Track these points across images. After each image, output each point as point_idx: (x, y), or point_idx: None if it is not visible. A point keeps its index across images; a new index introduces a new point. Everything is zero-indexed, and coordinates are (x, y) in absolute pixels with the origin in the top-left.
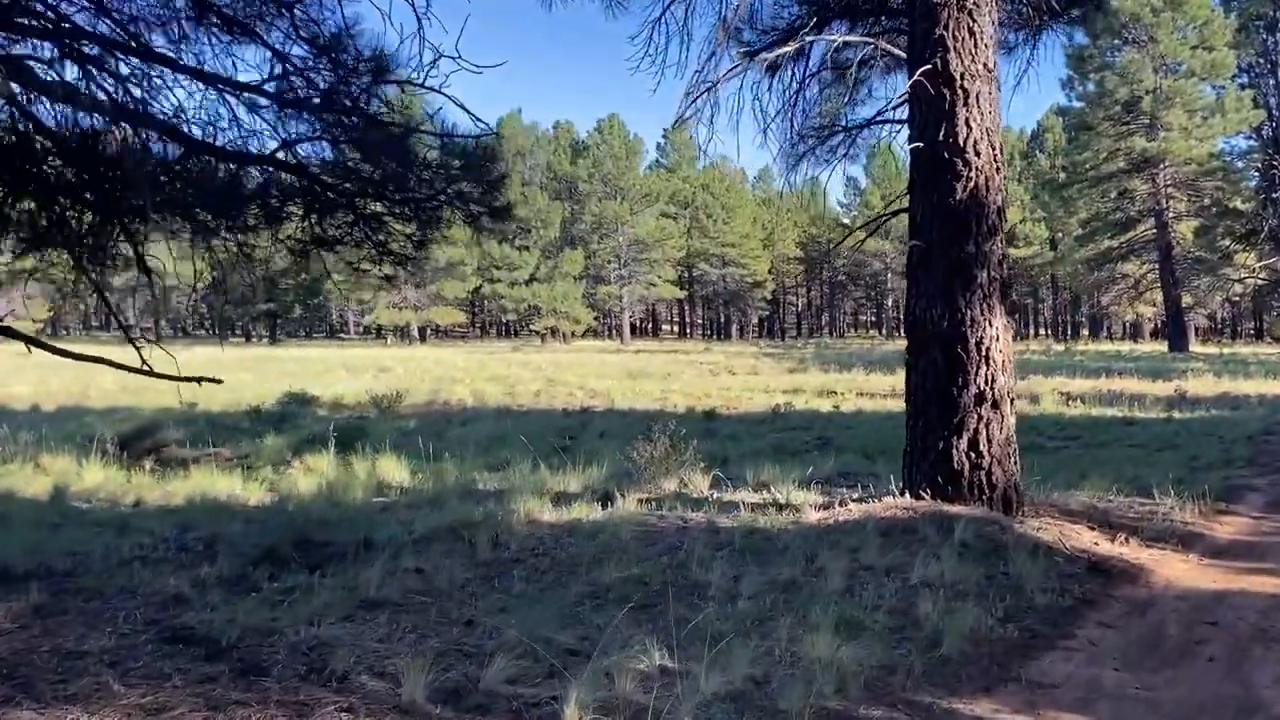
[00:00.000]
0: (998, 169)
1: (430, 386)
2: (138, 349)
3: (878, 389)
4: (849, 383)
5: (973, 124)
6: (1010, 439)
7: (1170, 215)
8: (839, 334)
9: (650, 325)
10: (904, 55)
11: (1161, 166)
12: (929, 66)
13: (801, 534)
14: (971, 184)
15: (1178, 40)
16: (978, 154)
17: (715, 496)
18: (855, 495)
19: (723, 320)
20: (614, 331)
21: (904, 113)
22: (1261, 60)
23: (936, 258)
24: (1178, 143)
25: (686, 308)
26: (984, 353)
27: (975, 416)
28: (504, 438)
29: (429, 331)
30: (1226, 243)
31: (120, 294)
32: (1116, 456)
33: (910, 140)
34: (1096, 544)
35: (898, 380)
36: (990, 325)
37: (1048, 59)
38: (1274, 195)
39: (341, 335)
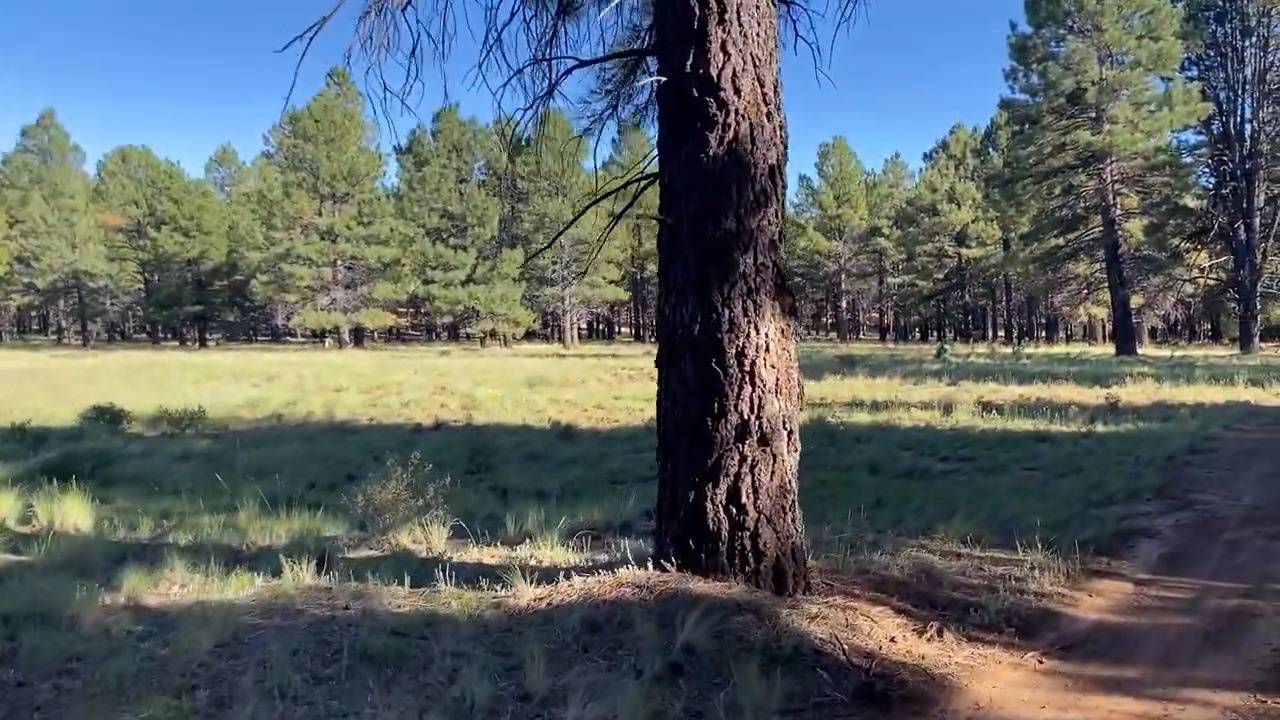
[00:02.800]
0: (769, 114)
1: (289, 397)
2: None
3: None
4: None
5: (731, 49)
6: (786, 487)
7: (1118, 213)
8: (798, 337)
9: (607, 328)
10: None
11: (1108, 161)
12: None
13: (481, 629)
14: (731, 133)
15: (1123, 29)
16: (738, 91)
17: (447, 556)
18: (606, 559)
19: None
20: (559, 335)
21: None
22: (1211, 52)
23: (687, 237)
24: (1123, 136)
25: (639, 310)
26: (748, 368)
27: (736, 457)
28: (297, 464)
29: (375, 335)
30: (1176, 241)
31: (47, 296)
32: (1005, 486)
33: (656, 73)
34: (893, 640)
35: (808, 388)
36: (756, 331)
37: (995, 50)
38: (1224, 192)
39: (289, 338)
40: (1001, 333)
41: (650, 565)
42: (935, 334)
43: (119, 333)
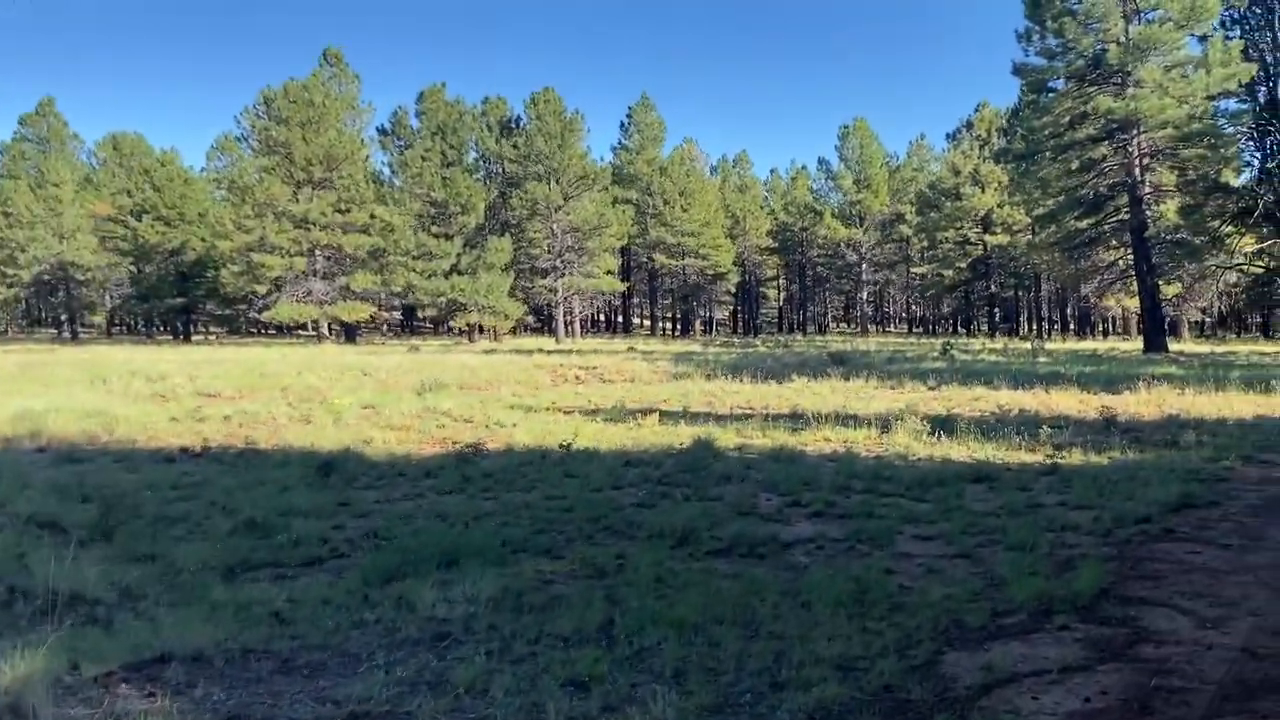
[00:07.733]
0: None
1: (100, 405)
2: None
3: (711, 406)
4: (699, 395)
5: None
6: None
7: (1146, 191)
8: (820, 329)
9: (619, 319)
10: None
11: (1134, 132)
12: None
13: None
14: None
15: None
16: None
17: None
18: None
19: (681, 315)
20: (550, 327)
21: None
22: (1256, 8)
23: None
24: (1151, 102)
25: (654, 301)
26: None
27: None
28: None
29: (385, 327)
30: (1216, 224)
31: (35, 288)
32: (844, 585)
33: None
34: None
35: (759, 393)
36: None
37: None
38: (1271, 167)
39: (300, 331)
40: (1034, 327)
41: None
42: (964, 327)
43: (124, 326)
